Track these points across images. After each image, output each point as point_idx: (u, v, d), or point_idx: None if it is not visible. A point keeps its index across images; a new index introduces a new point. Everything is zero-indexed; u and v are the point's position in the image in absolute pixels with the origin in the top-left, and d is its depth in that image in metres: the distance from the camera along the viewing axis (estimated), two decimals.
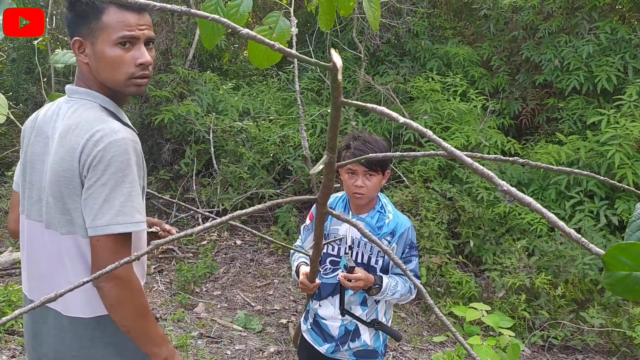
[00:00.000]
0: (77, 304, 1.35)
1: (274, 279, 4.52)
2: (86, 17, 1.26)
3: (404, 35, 6.57)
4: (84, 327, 1.36)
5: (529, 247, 4.20)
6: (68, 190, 1.26)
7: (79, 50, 1.31)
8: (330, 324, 2.07)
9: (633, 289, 0.62)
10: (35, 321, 1.43)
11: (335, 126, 0.73)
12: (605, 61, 5.33)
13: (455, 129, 5.22)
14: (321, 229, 1.20)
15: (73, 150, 1.24)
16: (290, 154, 5.34)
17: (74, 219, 1.28)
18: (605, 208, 4.36)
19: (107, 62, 1.28)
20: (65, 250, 1.32)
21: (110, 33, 1.26)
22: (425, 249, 4.20)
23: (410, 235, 2.03)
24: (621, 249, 0.62)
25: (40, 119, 1.40)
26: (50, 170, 1.28)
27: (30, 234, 1.41)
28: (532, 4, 5.91)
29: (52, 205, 1.30)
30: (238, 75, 7.40)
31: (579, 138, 4.92)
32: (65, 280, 1.33)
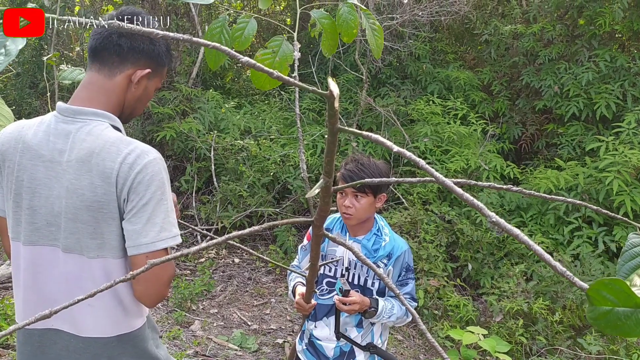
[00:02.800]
0: (98, 325, 1.36)
1: (271, 298, 4.51)
2: (160, 59, 1.42)
3: (405, 58, 6.64)
4: (102, 346, 1.37)
5: (527, 271, 4.19)
6: (102, 215, 1.28)
7: (138, 78, 1.38)
8: (326, 345, 2.06)
9: (615, 325, 0.63)
10: (42, 345, 1.39)
11: (332, 151, 0.74)
12: (604, 88, 5.38)
13: (455, 152, 5.24)
14: (317, 251, 1.21)
15: (107, 175, 1.26)
16: (291, 173, 5.37)
17: (105, 242, 1.31)
18: (604, 234, 4.37)
19: (147, 98, 1.45)
20: (88, 274, 1.32)
21: (159, 81, 1.47)
22: (423, 271, 4.19)
23: (406, 258, 2.03)
24: (604, 284, 0.63)
25: (30, 140, 1.33)
26: (76, 196, 1.27)
27: (36, 261, 1.35)
28: (532, 31, 5.99)
29: (79, 230, 1.29)
30: (240, 94, 7.47)
31: (578, 164, 4.94)
32: (86, 303, 1.31)
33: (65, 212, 1.29)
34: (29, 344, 1.40)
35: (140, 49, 1.36)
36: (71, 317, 1.35)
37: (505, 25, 6.35)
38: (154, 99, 6.29)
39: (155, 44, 1.39)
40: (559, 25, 5.94)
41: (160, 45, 1.40)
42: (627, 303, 0.65)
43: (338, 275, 2.05)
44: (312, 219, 1.04)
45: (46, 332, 1.38)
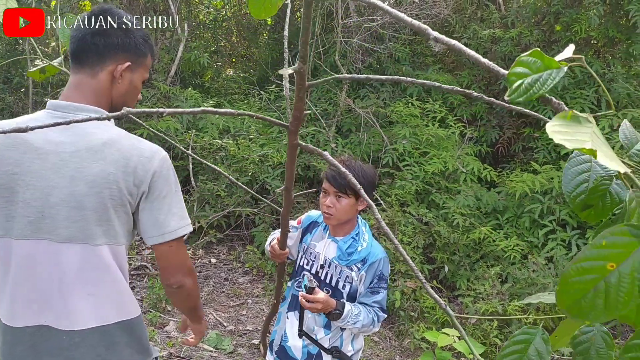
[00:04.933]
0: (99, 313, 1.38)
1: (248, 299, 4.48)
2: (140, 51, 1.44)
3: (385, 61, 6.66)
4: (101, 336, 1.38)
5: (503, 274, 4.24)
6: (113, 201, 1.33)
7: (121, 72, 1.41)
8: (294, 345, 2.07)
9: (526, 92, 0.73)
10: (34, 344, 1.36)
11: (307, 29, 0.74)
12: (579, 94, 5.47)
13: (433, 155, 5.28)
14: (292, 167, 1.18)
15: (123, 164, 1.33)
16: (269, 173, 5.34)
17: (111, 229, 1.35)
18: (577, 237, 4.44)
19: (135, 91, 1.47)
20: (92, 263, 1.35)
21: (145, 72, 1.49)
22: (400, 272, 4.21)
23: (381, 267, 2.02)
24: (520, 60, 0.74)
25: (23, 135, 1.33)
26: (84, 183, 1.30)
27: (30, 255, 1.34)
28: (510, 36, 6.06)
29: (84, 218, 1.32)
30: (220, 93, 7.41)
31: (553, 168, 5.01)
32: (84, 293, 1.35)
33: (67, 200, 1.31)
34: (20, 343, 1.36)
35: (116, 44, 1.39)
36: (66, 311, 1.35)
37: (484, 30, 6.41)
38: None
39: (130, 35, 1.41)
40: (536, 30, 6.02)
41: (136, 37, 1.42)
42: (538, 69, 0.74)
43: (313, 271, 2.06)
44: (287, 124, 1.02)
45: (39, 330, 1.36)
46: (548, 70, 0.74)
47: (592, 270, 0.62)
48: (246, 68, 8.63)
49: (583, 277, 0.62)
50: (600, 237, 0.62)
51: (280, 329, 2.14)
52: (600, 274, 0.62)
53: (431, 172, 5.03)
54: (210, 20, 8.42)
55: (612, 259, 0.61)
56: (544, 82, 0.73)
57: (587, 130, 0.64)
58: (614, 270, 0.61)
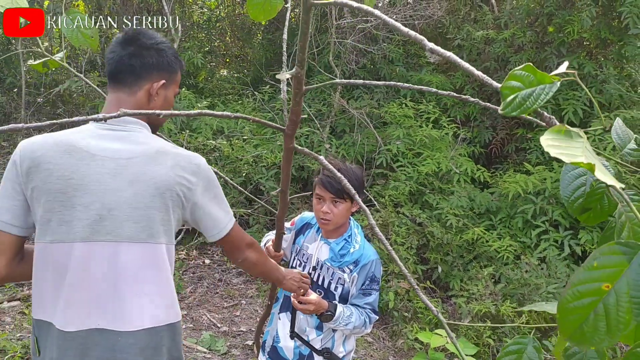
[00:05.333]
0: (153, 313, 1.41)
1: (242, 300, 4.48)
2: (172, 68, 1.54)
3: (379, 61, 6.68)
4: (152, 337, 1.41)
5: (496, 274, 4.26)
6: (173, 203, 1.42)
7: (156, 90, 1.50)
8: (286, 346, 2.07)
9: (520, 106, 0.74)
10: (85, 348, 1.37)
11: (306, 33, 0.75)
12: (572, 95, 5.50)
13: (426, 155, 5.29)
14: (288, 170, 1.19)
15: (181, 167, 1.44)
16: (263, 174, 5.34)
17: (168, 229, 1.44)
18: (569, 238, 4.46)
19: (168, 106, 1.56)
20: (153, 261, 1.41)
21: (176, 86, 1.59)
22: (394, 273, 4.21)
23: (373, 269, 2.02)
24: (513, 74, 0.75)
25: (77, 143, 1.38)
26: (146, 186, 1.39)
27: (89, 257, 1.36)
28: (503, 37, 6.09)
29: (150, 217, 1.39)
30: (214, 93, 7.40)
31: (546, 168, 5.03)
32: (141, 292, 1.39)
33: (129, 202, 1.37)
34: (70, 348, 1.37)
35: (150, 64, 1.49)
36: (121, 312, 1.37)
37: (477, 31, 6.43)
38: None
39: (163, 55, 1.51)
40: (529, 32, 6.04)
41: (168, 56, 1.52)
42: (531, 84, 0.76)
43: (308, 271, 2.06)
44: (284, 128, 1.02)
45: (91, 333, 1.37)
46: (541, 85, 0.75)
47: (588, 293, 0.62)
48: (240, 68, 8.62)
49: (580, 302, 0.62)
50: (592, 258, 0.62)
51: (273, 330, 2.14)
52: (598, 296, 0.61)
53: (425, 173, 5.04)
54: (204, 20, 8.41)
55: (606, 279, 0.61)
56: (537, 96, 0.74)
57: (579, 144, 0.65)
58: (610, 290, 0.61)
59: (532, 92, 0.74)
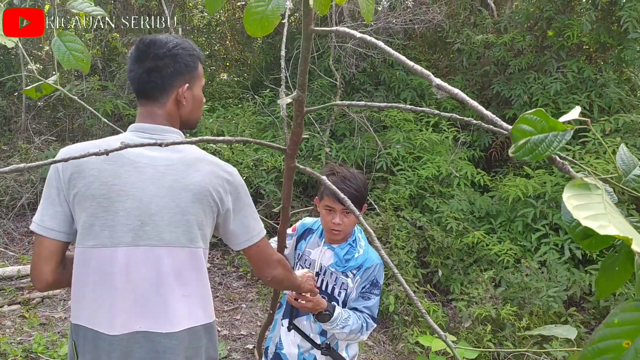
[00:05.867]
0: (192, 314, 1.45)
1: (242, 303, 4.47)
2: (190, 67, 1.52)
3: (379, 65, 6.69)
4: (193, 337, 1.45)
5: (496, 278, 4.25)
6: (210, 208, 1.45)
7: (182, 94, 1.51)
8: (289, 352, 2.07)
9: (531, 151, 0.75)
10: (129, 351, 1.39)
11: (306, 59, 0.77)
12: (572, 99, 5.51)
13: (426, 159, 5.30)
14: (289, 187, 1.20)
15: (215, 175, 1.46)
16: (263, 177, 5.34)
17: (205, 234, 1.47)
18: (570, 242, 4.46)
19: (200, 103, 1.59)
20: (193, 264, 1.45)
21: (202, 80, 1.59)
22: (393, 277, 4.21)
23: (375, 273, 2.01)
24: (524, 118, 0.76)
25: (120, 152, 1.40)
26: (185, 192, 1.42)
27: (131, 262, 1.39)
28: (503, 41, 6.10)
29: (188, 222, 1.42)
30: (214, 97, 7.41)
31: (546, 172, 5.04)
32: (181, 294, 1.43)
33: (169, 207, 1.40)
34: (115, 351, 1.39)
35: (171, 74, 1.48)
36: (165, 314, 1.40)
37: (477, 35, 6.45)
38: (125, 101, 6.20)
39: (179, 59, 1.49)
40: (528, 36, 6.06)
41: (183, 57, 1.50)
42: (543, 129, 0.76)
43: None
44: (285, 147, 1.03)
45: (134, 336, 1.39)
46: (553, 132, 0.76)
47: (608, 350, 0.63)
48: (240, 72, 8.64)
49: (601, 358, 0.63)
50: (612, 315, 0.63)
51: (275, 337, 2.13)
52: (618, 352, 0.63)
53: (425, 177, 5.04)
54: (204, 24, 8.44)
55: (626, 337, 0.62)
56: (549, 143, 0.75)
57: (598, 199, 0.67)
58: (630, 347, 0.62)
59: (545, 138, 0.75)
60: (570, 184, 0.71)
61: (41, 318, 3.90)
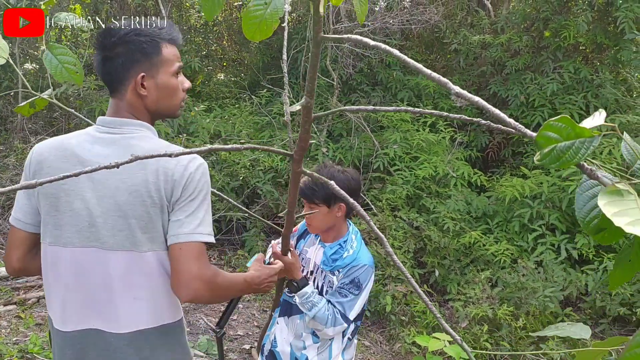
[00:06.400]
0: (142, 317, 1.41)
1: (239, 303, 4.47)
2: (147, 53, 1.41)
3: (376, 65, 6.70)
4: (145, 338, 1.42)
5: (493, 278, 4.26)
6: (155, 209, 1.36)
7: (140, 84, 1.41)
8: (282, 351, 2.09)
9: (558, 158, 0.75)
10: (83, 348, 1.42)
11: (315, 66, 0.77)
12: (568, 99, 5.52)
13: (423, 159, 5.30)
14: (295, 193, 1.20)
15: (161, 172, 1.35)
16: (260, 177, 5.34)
17: (156, 236, 1.38)
18: (566, 242, 4.47)
19: (168, 91, 1.46)
20: (139, 268, 1.38)
21: (169, 65, 1.45)
22: (391, 277, 4.22)
23: (360, 273, 1.96)
24: (549, 125, 0.75)
25: (73, 147, 1.40)
26: (128, 193, 1.35)
27: (79, 262, 1.39)
28: (500, 42, 6.11)
29: (130, 226, 1.36)
30: (211, 97, 7.40)
31: (542, 173, 5.05)
32: (131, 297, 1.39)
33: (112, 210, 1.35)
34: (70, 346, 1.42)
35: (123, 63, 1.41)
36: (115, 315, 1.40)
37: (474, 35, 6.46)
38: None
39: (131, 46, 1.40)
40: (525, 36, 6.07)
41: (136, 43, 1.40)
42: (569, 136, 0.76)
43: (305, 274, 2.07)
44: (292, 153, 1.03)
45: (87, 333, 1.41)
46: (580, 138, 0.75)
47: None
48: (237, 72, 8.63)
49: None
50: None
51: (272, 334, 2.15)
52: None
53: (422, 177, 5.05)
54: (201, 24, 8.42)
55: None
56: (577, 150, 0.75)
57: (633, 204, 0.68)
58: None
59: (572, 145, 0.75)
60: (604, 191, 0.72)
61: (37, 318, 3.89)
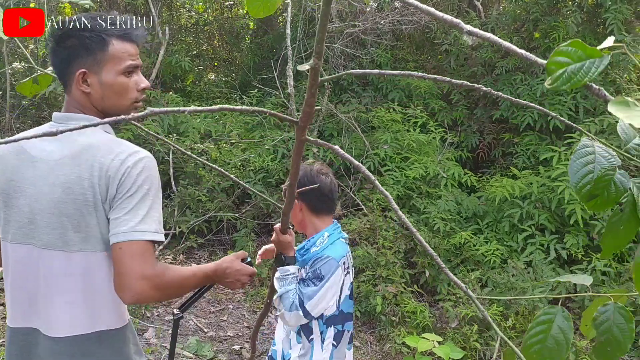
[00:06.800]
0: (76, 322, 1.36)
1: (229, 304, 4.45)
2: (91, 49, 1.35)
3: (367, 66, 6.69)
4: (80, 344, 1.37)
5: (482, 278, 4.27)
6: (87, 207, 1.31)
7: (81, 81, 1.37)
8: (278, 349, 2.11)
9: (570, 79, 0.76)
10: (27, 345, 1.41)
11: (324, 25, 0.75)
12: (557, 100, 5.55)
13: (414, 160, 5.31)
14: (298, 161, 1.14)
15: (96, 168, 1.30)
16: (251, 178, 5.32)
17: (89, 236, 1.33)
18: (555, 242, 4.49)
19: (114, 90, 1.39)
20: (69, 270, 1.34)
21: (117, 63, 1.37)
22: (381, 277, 4.21)
23: (322, 265, 1.95)
24: (560, 50, 0.77)
25: (25, 144, 1.38)
26: (61, 190, 1.31)
27: (18, 259, 1.39)
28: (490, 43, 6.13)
29: (63, 225, 1.32)
30: (201, 97, 7.38)
31: (532, 173, 5.07)
32: (62, 301, 1.35)
33: (48, 207, 1.32)
34: (15, 343, 1.42)
35: (66, 57, 1.37)
36: (48, 318, 1.36)
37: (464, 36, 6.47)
38: None
39: (74, 42, 1.35)
40: (515, 37, 6.10)
41: (81, 39, 1.35)
42: (580, 58, 0.77)
43: None
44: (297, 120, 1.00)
45: (30, 332, 1.40)
46: (591, 59, 0.76)
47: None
48: (228, 72, 8.60)
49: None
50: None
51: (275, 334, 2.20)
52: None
53: (412, 177, 5.05)
54: (192, 24, 8.39)
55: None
56: (587, 70, 0.76)
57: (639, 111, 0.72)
58: None
59: (582, 65, 0.76)
60: (613, 102, 0.76)
61: None
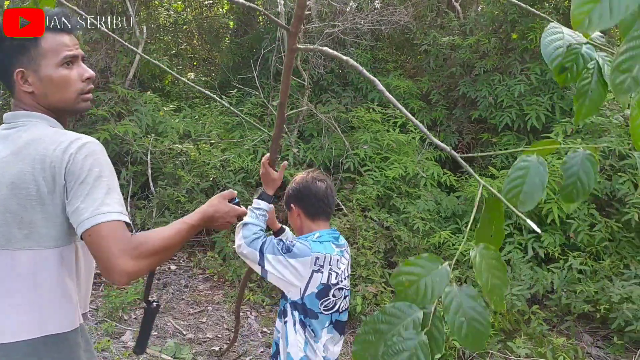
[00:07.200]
0: (22, 326, 1.29)
1: (208, 306, 4.41)
2: (24, 47, 1.32)
3: (347, 66, 6.70)
4: (26, 350, 1.30)
5: (461, 277, 4.30)
6: (30, 201, 1.26)
7: (22, 81, 1.35)
8: (274, 337, 2.18)
9: None
10: None
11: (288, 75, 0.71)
12: (535, 100, 5.61)
13: (394, 160, 5.33)
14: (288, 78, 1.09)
15: (38, 160, 1.26)
16: (231, 178, 5.28)
17: (33, 232, 1.28)
18: (533, 241, 4.54)
19: (55, 84, 1.35)
20: (13, 270, 1.28)
21: (53, 56, 1.34)
22: (361, 277, 4.22)
23: (297, 244, 1.97)
24: None
25: None
26: (4, 186, 1.27)
27: None
28: (469, 43, 6.19)
29: (6, 222, 1.27)
30: (180, 97, 7.31)
31: None
32: (5, 304, 1.29)
33: None
34: None
35: (2, 58, 1.35)
36: None
37: (443, 37, 6.52)
38: None
39: (7, 43, 1.33)
40: (493, 38, 6.16)
41: (9, 41, 1.33)
42: None
43: None
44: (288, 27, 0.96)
45: None
46: None
47: None
48: (207, 72, 8.54)
49: None
50: None
51: None
52: None
53: (392, 177, 5.07)
54: (171, 23, 8.31)
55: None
56: None
57: None
58: None
59: None
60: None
61: None
